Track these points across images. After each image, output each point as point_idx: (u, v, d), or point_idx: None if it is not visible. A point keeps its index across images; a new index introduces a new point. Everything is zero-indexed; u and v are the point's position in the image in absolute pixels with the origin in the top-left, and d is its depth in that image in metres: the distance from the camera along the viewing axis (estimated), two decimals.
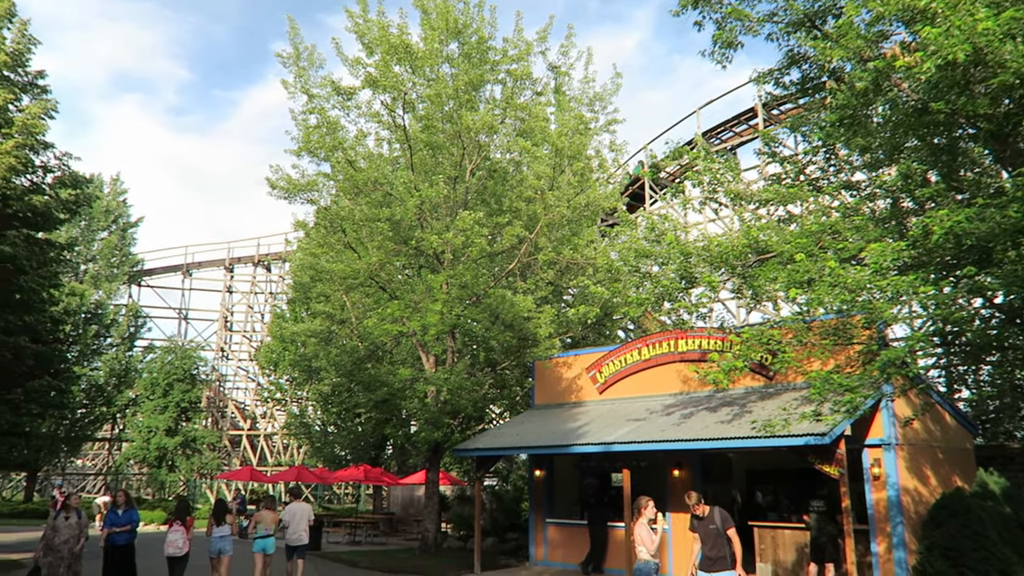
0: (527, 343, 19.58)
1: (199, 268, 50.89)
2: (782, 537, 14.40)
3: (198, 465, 40.92)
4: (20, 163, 18.60)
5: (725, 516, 9.07)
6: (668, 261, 13.05)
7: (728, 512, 9.20)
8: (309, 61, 19.69)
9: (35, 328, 19.64)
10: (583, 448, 15.01)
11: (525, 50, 20.16)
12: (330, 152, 19.68)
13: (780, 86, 13.55)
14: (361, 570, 18.19)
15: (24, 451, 31.20)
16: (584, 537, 16.82)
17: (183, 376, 40.91)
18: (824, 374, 10.57)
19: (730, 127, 33.85)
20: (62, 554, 11.47)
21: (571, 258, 20.71)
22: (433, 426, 19.05)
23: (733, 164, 14.15)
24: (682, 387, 16.44)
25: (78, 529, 11.83)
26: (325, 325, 23.78)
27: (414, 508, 30.59)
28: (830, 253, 10.67)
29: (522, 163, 21.26)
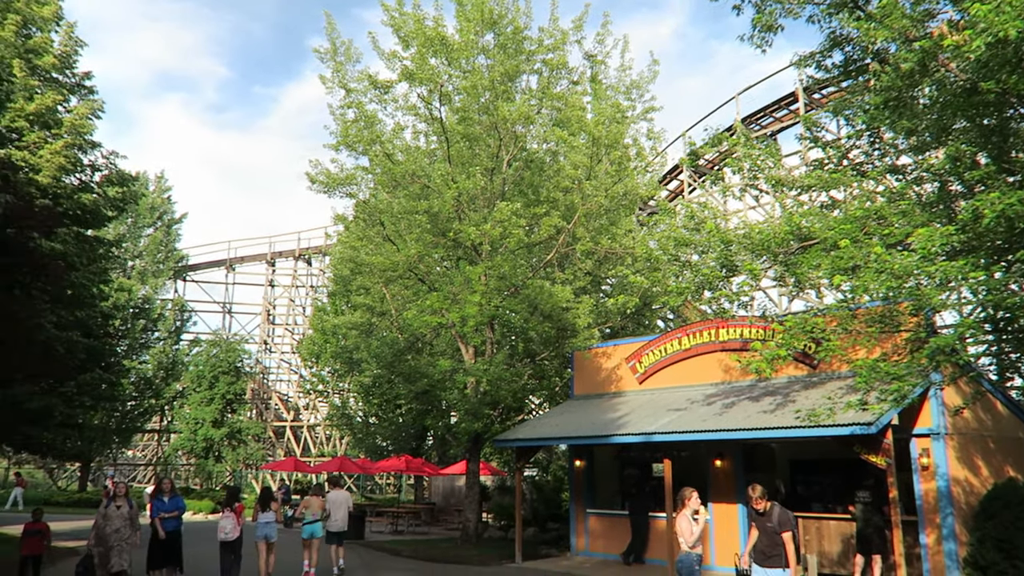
0: (566, 333, 19.55)
1: (241, 263, 51.78)
2: (827, 528, 14.20)
3: (243, 456, 41.71)
4: (69, 162, 19.07)
5: (784, 519, 8.76)
6: (708, 249, 12.91)
7: (786, 512, 8.94)
8: (346, 56, 19.84)
9: (86, 323, 20.17)
10: (623, 438, 14.96)
11: (561, 39, 20.04)
12: (368, 146, 19.82)
13: (822, 69, 13.25)
14: (403, 559, 18.41)
15: (78, 442, 32.16)
16: (625, 527, 16.78)
17: (228, 369, 41.67)
18: (870, 362, 10.37)
19: (770, 112, 33.29)
20: (112, 543, 11.73)
21: (609, 248, 20.59)
22: (473, 417, 19.14)
23: (774, 150, 13.91)
24: (723, 376, 16.27)
25: (129, 518, 12.07)
26: (365, 317, 24.03)
27: (455, 498, 30.82)
28: (875, 239, 10.44)
29: (559, 153, 21.17)
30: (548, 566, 16.59)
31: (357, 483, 45.28)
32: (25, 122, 18.47)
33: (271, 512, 13.70)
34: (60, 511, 31.72)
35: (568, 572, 15.73)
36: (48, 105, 18.88)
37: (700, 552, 9.43)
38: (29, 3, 19.67)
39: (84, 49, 21.02)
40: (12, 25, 18.79)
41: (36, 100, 18.78)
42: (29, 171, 17.74)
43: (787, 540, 8.66)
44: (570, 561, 17.31)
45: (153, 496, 13.14)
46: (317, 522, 14.53)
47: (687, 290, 12.92)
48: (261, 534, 13.49)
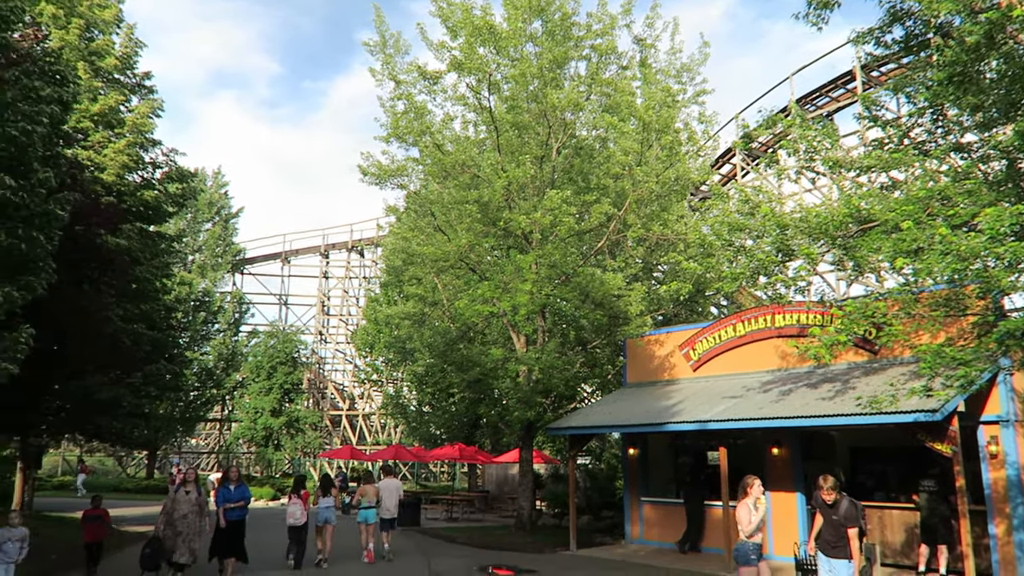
0: (618, 321, 19.43)
1: (296, 255, 52.75)
2: (890, 518, 13.87)
3: (302, 444, 42.63)
4: (132, 160, 19.70)
5: (850, 513, 8.59)
6: (763, 234, 12.65)
7: (854, 506, 8.76)
8: (395, 48, 19.99)
9: (150, 316, 20.84)
10: (678, 426, 14.83)
11: (609, 24, 19.83)
12: (418, 137, 19.97)
13: (881, 46, 12.82)
14: (459, 545, 18.61)
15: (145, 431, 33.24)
16: (680, 516, 16.66)
17: (285, 359, 42.59)
18: (935, 347, 10.04)
19: (826, 92, 32.36)
20: (180, 528, 11.91)
21: (661, 234, 20.36)
22: (525, 405, 19.20)
23: (831, 130, 13.54)
24: (780, 363, 15.98)
25: (197, 504, 12.22)
26: (418, 307, 24.27)
27: (508, 486, 31.01)
28: (940, 220, 10.09)
29: (608, 139, 20.99)
30: (603, 554, 16.59)
31: (411, 471, 45.90)
32: (90, 122, 19.12)
33: (330, 498, 14.88)
34: (129, 497, 33.01)
35: (623, 560, 15.70)
36: (111, 105, 19.50)
37: (759, 541, 9.29)
38: (92, 7, 20.31)
39: (143, 50, 21.63)
40: (76, 29, 19.44)
41: (100, 101, 19.42)
42: (94, 170, 18.38)
43: (852, 535, 8.53)
44: (625, 549, 17.28)
45: (219, 484, 13.38)
46: (372, 508, 15.41)
47: (742, 276, 12.70)
48: (321, 518, 14.62)
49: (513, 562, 15.30)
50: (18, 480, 21.20)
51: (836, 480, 8.97)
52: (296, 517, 13.98)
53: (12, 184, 10.93)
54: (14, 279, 11.69)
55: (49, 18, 19.13)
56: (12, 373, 11.55)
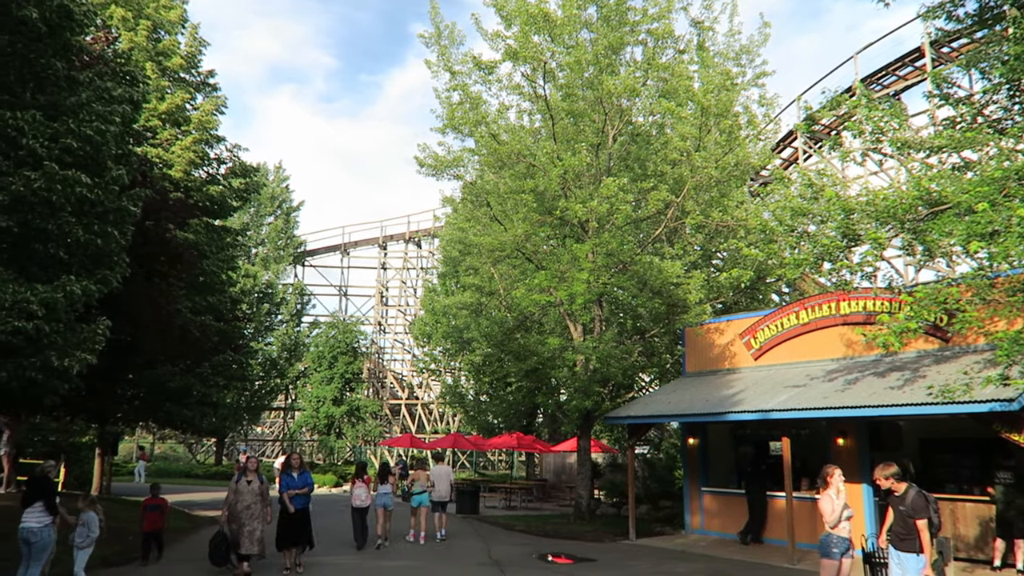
0: (676, 309, 19.19)
1: (355, 247, 53.61)
2: (962, 510, 13.41)
3: (363, 432, 43.44)
4: (198, 157, 20.33)
5: (919, 504, 8.26)
6: (828, 219, 12.31)
7: (923, 497, 8.42)
8: (450, 39, 20.05)
9: (217, 308, 21.52)
10: (739, 416, 14.59)
11: (666, 7, 19.50)
12: (473, 127, 20.02)
13: (953, 20, 12.34)
14: (517, 533, 18.72)
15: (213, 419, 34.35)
16: (740, 506, 16.42)
17: (346, 349, 43.37)
18: (1013, 334, 9.65)
19: (892, 71, 31.24)
20: (244, 520, 11.77)
21: (720, 220, 20.00)
22: (583, 394, 19.16)
23: (898, 110, 13.07)
24: (845, 352, 15.57)
25: (260, 493, 12.21)
26: (475, 297, 24.42)
27: (566, 475, 31.03)
28: (1017, 201, 9.66)
29: (665, 125, 20.69)
30: (663, 543, 16.48)
31: (470, 460, 46.32)
32: (158, 121, 19.77)
33: (388, 484, 15.88)
34: (198, 483, 34.16)
35: (684, 550, 15.57)
36: (177, 104, 20.13)
37: (844, 534, 8.75)
38: (158, 8, 20.95)
39: (206, 48, 22.23)
40: (144, 30, 20.09)
41: (167, 99, 20.06)
42: (163, 167, 19.02)
43: (921, 527, 8.19)
44: (685, 539, 17.13)
45: (282, 471, 13.30)
46: (424, 493, 16.19)
47: (805, 262, 12.39)
48: (380, 503, 15.49)
49: (571, 550, 15.33)
50: (96, 465, 22.15)
51: (899, 469, 8.62)
52: (362, 499, 14.95)
53: (88, 182, 11.39)
54: (91, 273, 12.19)
55: (119, 20, 19.81)
56: (91, 363, 12.04)
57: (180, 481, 34.79)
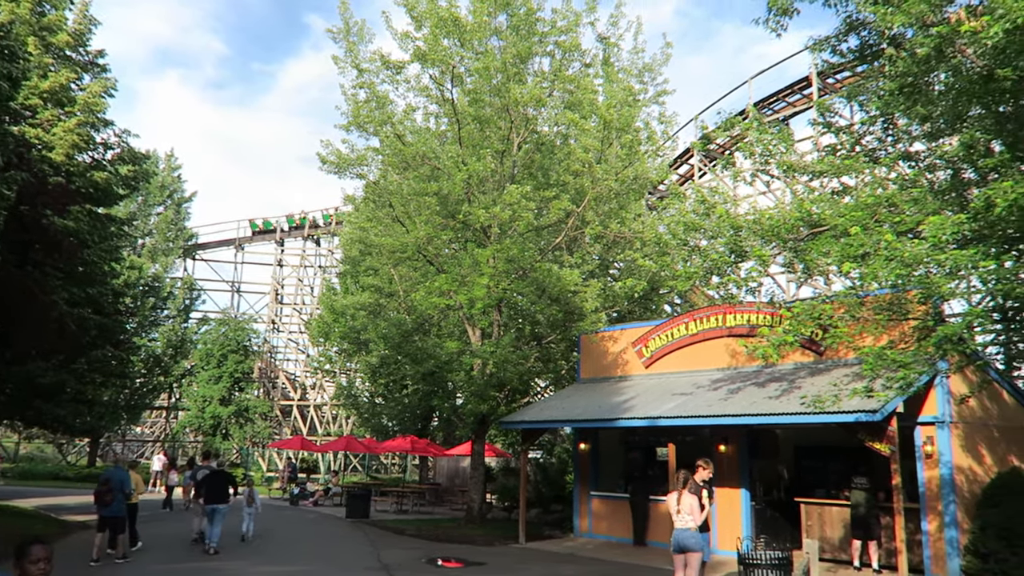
0: (573, 317, 19.59)
1: (250, 242, 51.92)
2: (829, 514, 14.29)
3: (251, 434, 42.07)
4: (82, 140, 19.14)
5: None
6: (717, 234, 12.89)
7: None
8: (359, 36, 19.81)
9: (97, 300, 20.33)
10: (628, 422, 15.04)
11: (574, 21, 19.92)
12: (379, 126, 19.83)
13: (837, 54, 13.15)
14: (408, 537, 18.60)
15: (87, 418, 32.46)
16: (628, 510, 16.92)
17: (236, 347, 41.95)
18: (877, 350, 10.38)
19: (783, 97, 33.05)
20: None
21: (618, 232, 20.57)
22: (479, 398, 19.25)
23: (786, 135, 13.84)
24: (730, 362, 16.31)
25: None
26: (374, 298, 24.12)
27: (460, 479, 31.05)
28: (886, 226, 10.41)
29: (570, 136, 21.10)
30: (551, 547, 16.75)
31: (363, 463, 45.61)
32: (39, 100, 18.53)
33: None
34: (69, 486, 32.15)
35: (571, 553, 15.88)
36: (62, 83, 18.93)
37: (684, 525, 9.67)
38: None
39: (97, 27, 21.02)
40: (27, 2, 18.80)
41: (50, 78, 18.84)
42: (43, 148, 17.84)
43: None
44: (573, 542, 17.47)
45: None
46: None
47: (695, 275, 12.93)
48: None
49: (462, 554, 15.37)
50: None
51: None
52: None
53: None
54: None
55: None
56: None
57: (48, 484, 32.69)
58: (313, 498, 29.11)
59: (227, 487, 14.85)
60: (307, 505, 28.48)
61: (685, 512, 9.60)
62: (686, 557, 9.52)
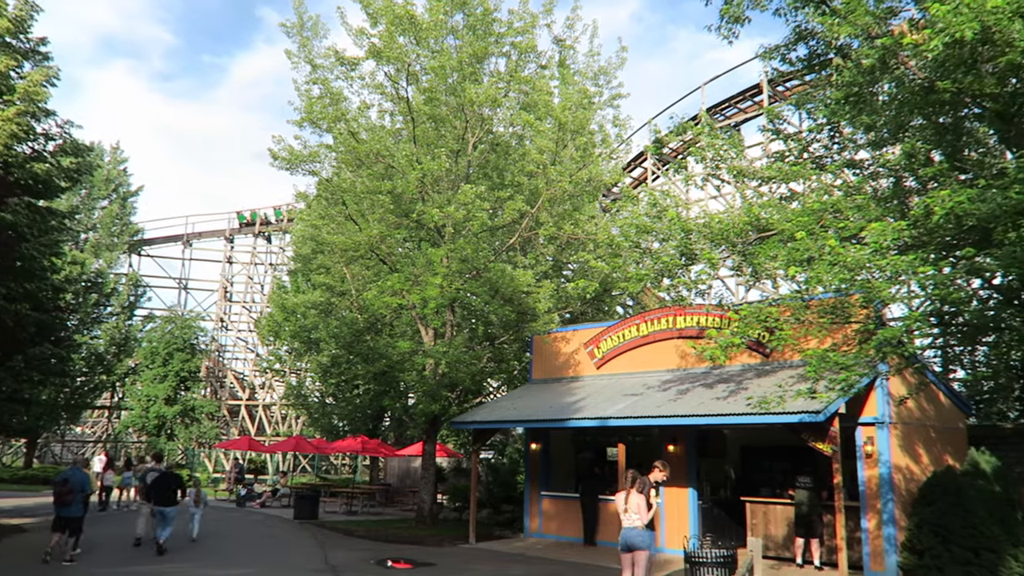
0: (526, 317, 19.64)
1: (199, 238, 50.83)
2: (773, 513, 14.58)
3: (197, 434, 41.19)
4: (22, 130, 18.50)
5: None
6: (669, 237, 13.06)
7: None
8: (313, 31, 19.55)
9: (36, 296, 19.67)
10: (579, 422, 15.13)
11: (530, 23, 19.97)
12: (332, 123, 19.59)
13: (787, 62, 13.44)
14: (357, 538, 18.41)
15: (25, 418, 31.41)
16: (578, 510, 17.01)
17: (183, 346, 41.05)
18: (820, 352, 10.63)
19: (735, 103, 33.65)
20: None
21: (572, 233, 20.68)
22: (431, 399, 19.16)
23: (736, 141, 14.10)
24: (680, 363, 16.53)
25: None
26: (325, 297, 23.83)
27: (410, 479, 30.86)
28: (831, 232, 10.67)
29: (525, 137, 21.15)
30: (501, 547, 16.76)
31: (312, 463, 45.02)
32: None
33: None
34: (5, 488, 31.00)
35: (521, 553, 15.91)
36: (0, 71, 18.28)
37: (632, 524, 9.79)
38: None
39: (39, 14, 20.33)
40: None
41: None
42: None
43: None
44: (523, 542, 17.51)
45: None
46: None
47: (646, 277, 13.07)
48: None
49: (412, 555, 15.27)
50: None
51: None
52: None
53: None
54: None
55: None
56: None
57: None
58: (260, 499, 28.61)
59: (176, 489, 14.83)
60: (254, 506, 27.98)
61: (633, 511, 9.70)
62: (633, 556, 9.63)
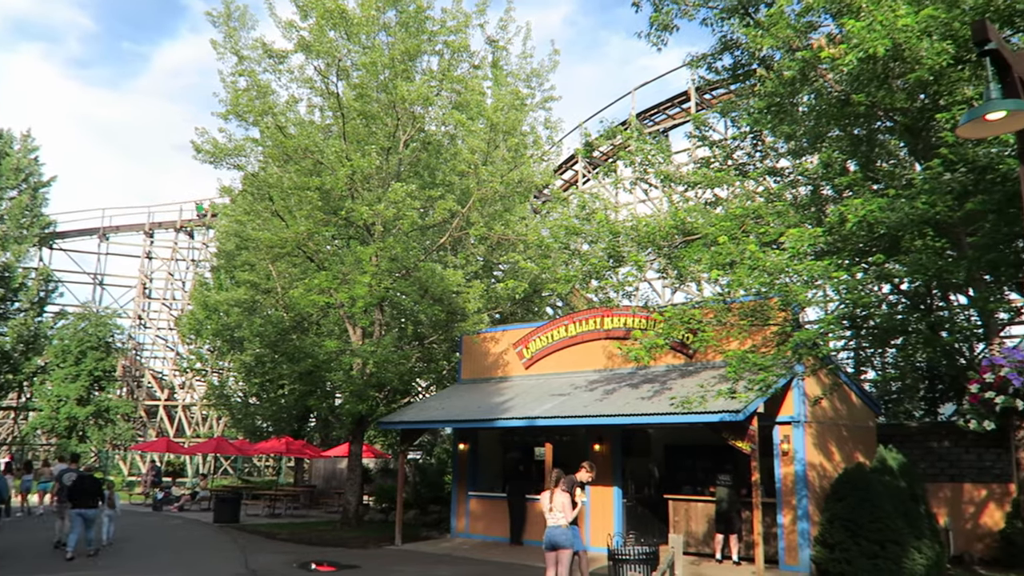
0: (456, 317, 19.59)
1: (116, 232, 48.81)
2: (695, 509, 14.94)
3: (111, 436, 39.56)
4: None
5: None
6: (597, 239, 13.24)
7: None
8: (241, 21, 19.07)
9: None
10: (507, 422, 15.17)
11: (463, 22, 19.94)
12: (259, 117, 19.13)
13: (713, 71, 13.83)
14: (279, 541, 18.00)
15: None
16: (504, 510, 17.05)
17: (97, 344, 39.36)
18: (740, 353, 10.96)
19: (664, 109, 34.35)
20: None
21: (502, 234, 20.75)
22: (358, 399, 18.91)
23: (664, 146, 14.42)
24: (607, 364, 16.76)
25: None
26: (250, 294, 23.23)
27: (336, 481, 30.37)
28: (752, 237, 11.02)
29: (457, 137, 21.10)
30: (428, 548, 16.65)
31: (234, 465, 43.83)
32: None
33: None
34: None
35: (448, 553, 15.84)
36: None
37: (556, 523, 9.91)
38: None
39: None
40: None
41: None
42: None
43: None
44: (450, 543, 17.44)
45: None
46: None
47: (575, 278, 13.23)
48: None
49: (335, 558, 15.02)
50: None
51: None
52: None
53: None
54: None
55: None
56: None
57: None
58: (179, 503, 27.66)
59: (96, 491, 14.50)
60: (172, 510, 27.03)
61: (557, 510, 9.79)
62: (557, 554, 9.71)
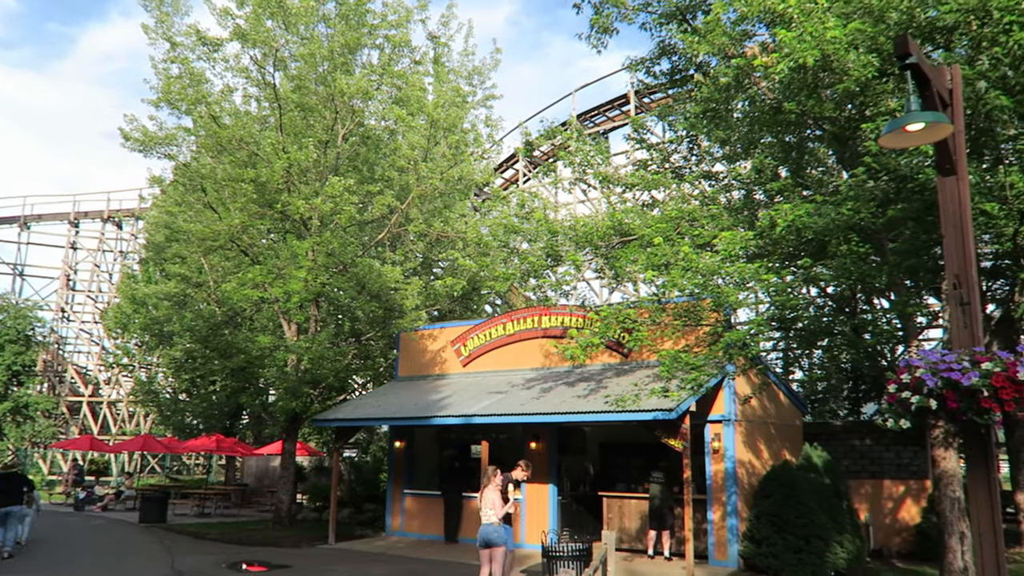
0: (393, 314, 19.42)
1: (39, 221, 46.75)
2: (628, 506, 15.18)
3: (30, 433, 37.98)
4: None
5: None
6: (536, 238, 13.32)
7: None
8: (174, 6, 18.47)
9: None
10: (444, 420, 15.13)
11: (405, 16, 19.76)
12: (192, 105, 18.59)
13: (651, 75, 14.04)
14: (209, 541, 17.57)
15: None
16: (440, 508, 17.02)
17: (16, 337, 37.75)
18: (673, 353, 11.16)
19: (604, 111, 34.75)
20: None
21: (442, 231, 20.65)
22: (292, 395, 18.58)
23: (603, 147, 14.57)
24: (544, 362, 16.87)
25: None
26: (180, 288, 22.57)
27: (269, 479, 29.79)
28: (686, 239, 11.24)
29: (397, 132, 20.90)
30: (362, 547, 16.49)
31: (161, 463, 42.56)
32: None
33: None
34: None
35: (382, 552, 15.72)
36: None
37: (488, 520, 10.01)
38: None
39: None
40: None
41: None
42: None
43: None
44: (385, 541, 17.31)
45: None
46: None
47: (514, 276, 13.27)
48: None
49: (267, 557, 14.75)
50: None
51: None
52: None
53: None
54: None
55: None
56: None
57: None
58: (102, 503, 26.70)
59: (22, 488, 14.26)
60: (95, 510, 26.08)
61: (488, 507, 9.82)
62: (491, 551, 9.74)
